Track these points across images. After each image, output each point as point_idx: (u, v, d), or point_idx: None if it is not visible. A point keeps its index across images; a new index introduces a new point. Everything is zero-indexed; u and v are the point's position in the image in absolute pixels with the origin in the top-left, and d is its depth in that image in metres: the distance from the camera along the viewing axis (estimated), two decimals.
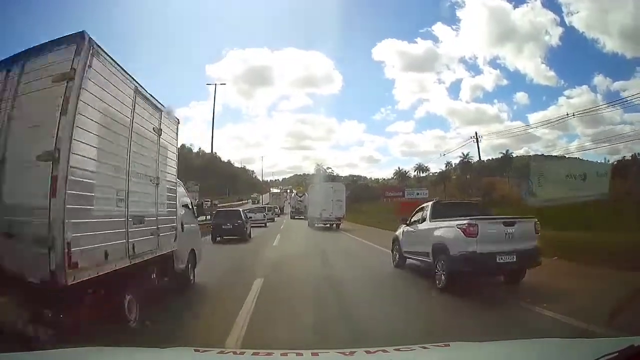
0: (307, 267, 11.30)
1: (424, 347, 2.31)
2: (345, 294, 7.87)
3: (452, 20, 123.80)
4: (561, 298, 6.77)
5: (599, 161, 33.02)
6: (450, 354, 2.33)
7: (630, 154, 44.69)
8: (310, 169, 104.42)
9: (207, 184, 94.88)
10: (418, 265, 9.83)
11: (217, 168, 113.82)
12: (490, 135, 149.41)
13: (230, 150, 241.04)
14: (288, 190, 70.44)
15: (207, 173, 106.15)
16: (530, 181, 16.07)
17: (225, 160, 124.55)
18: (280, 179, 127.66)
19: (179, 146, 8.06)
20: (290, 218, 48.60)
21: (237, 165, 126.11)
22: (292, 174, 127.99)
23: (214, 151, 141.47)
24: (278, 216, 50.02)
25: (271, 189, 73.71)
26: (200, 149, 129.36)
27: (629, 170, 36.09)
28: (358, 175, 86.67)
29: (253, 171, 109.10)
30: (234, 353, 2.15)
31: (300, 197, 53.18)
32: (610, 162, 36.06)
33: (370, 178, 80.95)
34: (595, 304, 5.94)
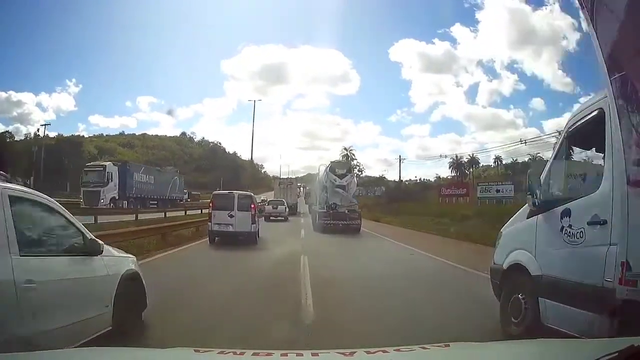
0: None
1: (424, 348, 2.30)
2: None
3: (471, 22, 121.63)
4: None
5: None
6: (450, 354, 2.32)
7: None
8: None
9: (208, 175, 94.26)
10: None
11: (219, 159, 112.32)
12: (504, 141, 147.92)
13: (243, 147, 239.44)
14: (302, 188, 53.02)
15: (207, 163, 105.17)
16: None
17: (231, 152, 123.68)
18: (294, 178, 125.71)
19: (179, 134, 7.89)
20: (314, 229, 23.72)
21: (244, 158, 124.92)
22: (305, 174, 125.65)
23: (217, 141, 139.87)
24: (286, 220, 31.76)
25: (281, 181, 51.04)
26: (203, 138, 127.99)
27: None
28: (381, 176, 72.49)
29: (262, 165, 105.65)
30: (234, 353, 2.14)
31: (341, 177, 24.91)
32: None
33: (393, 180, 65.69)
34: None
